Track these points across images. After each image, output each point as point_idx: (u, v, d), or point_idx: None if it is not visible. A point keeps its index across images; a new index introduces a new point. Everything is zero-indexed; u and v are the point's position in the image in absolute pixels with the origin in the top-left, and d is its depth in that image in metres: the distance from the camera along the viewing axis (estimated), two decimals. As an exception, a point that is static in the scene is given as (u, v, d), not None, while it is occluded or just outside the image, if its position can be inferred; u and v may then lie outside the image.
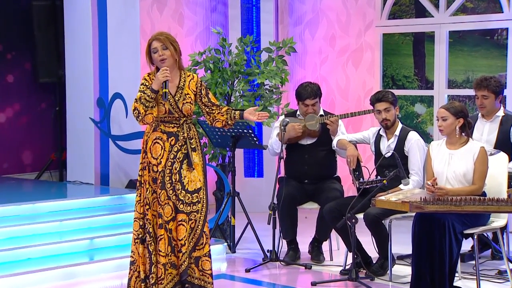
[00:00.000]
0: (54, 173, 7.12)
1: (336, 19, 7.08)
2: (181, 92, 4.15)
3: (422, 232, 4.12)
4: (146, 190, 4.08)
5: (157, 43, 4.07)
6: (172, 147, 4.10)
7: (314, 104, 5.12)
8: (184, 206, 4.07)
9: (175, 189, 4.08)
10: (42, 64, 6.88)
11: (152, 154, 4.10)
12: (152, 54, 4.08)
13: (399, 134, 4.80)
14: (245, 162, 7.22)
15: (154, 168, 4.09)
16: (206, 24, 7.23)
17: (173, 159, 4.10)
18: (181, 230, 4.05)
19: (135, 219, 4.15)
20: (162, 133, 4.11)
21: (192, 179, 4.12)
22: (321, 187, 5.12)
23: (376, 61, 6.90)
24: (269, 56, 6.03)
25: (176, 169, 4.09)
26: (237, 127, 5.04)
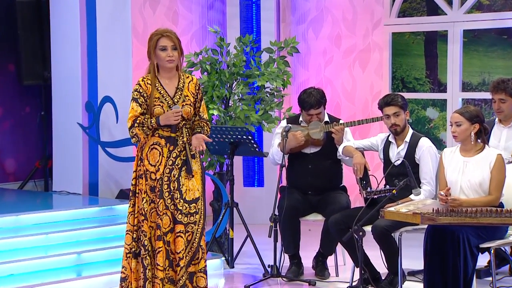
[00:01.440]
0: (39, 183, 7.13)
1: (342, 17, 7.10)
2: (180, 94, 4.16)
3: (434, 246, 4.12)
4: (142, 200, 4.08)
5: (168, 41, 4.09)
6: (171, 153, 4.11)
7: (318, 114, 5.14)
8: (182, 217, 4.07)
9: (173, 198, 4.09)
10: (27, 65, 6.89)
11: (150, 160, 4.10)
12: (157, 51, 4.09)
13: (409, 141, 4.81)
14: (244, 170, 7.23)
15: (152, 175, 4.10)
16: (202, 22, 7.25)
17: (172, 165, 4.11)
18: (179, 243, 4.05)
19: (128, 232, 4.15)
20: (160, 138, 4.12)
21: (190, 187, 4.13)
22: (326, 197, 5.12)
23: (384, 62, 6.91)
24: (270, 57, 6.05)
25: (174, 177, 4.10)
26: (236, 133, 5.05)
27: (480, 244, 4.20)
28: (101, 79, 6.47)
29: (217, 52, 6.00)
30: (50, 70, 6.71)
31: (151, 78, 4.14)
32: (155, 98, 4.10)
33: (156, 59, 4.12)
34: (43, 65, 6.91)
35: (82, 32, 6.41)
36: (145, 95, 4.11)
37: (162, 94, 4.13)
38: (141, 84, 4.13)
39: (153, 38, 4.13)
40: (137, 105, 4.10)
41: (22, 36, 6.85)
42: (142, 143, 4.13)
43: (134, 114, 4.10)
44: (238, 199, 5.54)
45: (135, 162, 4.19)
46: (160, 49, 4.10)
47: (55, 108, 6.62)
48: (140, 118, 4.08)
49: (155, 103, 4.10)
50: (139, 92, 4.11)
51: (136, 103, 4.11)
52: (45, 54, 6.84)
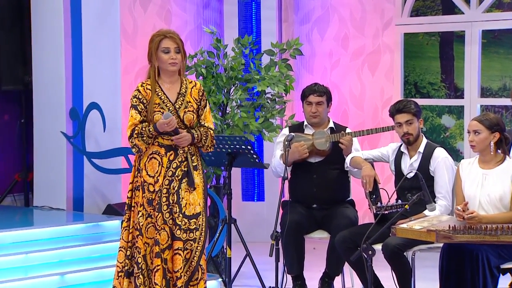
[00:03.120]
0: (19, 197, 7.13)
1: (349, 16, 7.14)
2: (182, 99, 4.19)
3: (451, 266, 4.13)
4: (138, 214, 4.10)
5: (171, 43, 4.14)
6: (171, 163, 4.13)
7: (319, 104, 5.18)
8: (181, 233, 4.09)
9: (172, 212, 4.10)
10: (5, 68, 6.90)
11: (148, 171, 4.13)
12: (159, 53, 4.13)
13: (423, 151, 4.83)
14: (243, 183, 7.25)
15: (150, 187, 4.12)
16: (197, 22, 7.28)
17: (171, 176, 4.13)
18: (177, 260, 4.07)
19: (121, 249, 4.16)
20: (159, 146, 4.15)
21: (191, 201, 4.14)
22: (332, 213, 5.14)
23: (396, 66, 6.94)
24: (271, 60, 6.07)
25: (174, 189, 4.12)
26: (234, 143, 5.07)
27: (501, 265, 4.21)
28: (87, 84, 6.49)
29: (214, 55, 6.03)
30: (31, 74, 6.73)
31: (151, 83, 4.17)
32: (155, 104, 4.13)
33: (157, 62, 4.15)
34: (23, 68, 6.93)
35: (66, 33, 6.44)
36: (144, 102, 4.14)
37: (162, 100, 4.16)
38: (140, 90, 4.15)
39: (154, 39, 4.16)
40: (136, 112, 4.13)
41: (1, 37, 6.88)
42: (144, 151, 4.16)
43: (133, 123, 4.13)
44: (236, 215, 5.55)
45: (132, 173, 4.21)
46: (163, 51, 4.13)
47: (37, 115, 6.64)
48: (138, 127, 4.11)
49: (155, 109, 4.13)
50: (138, 99, 4.14)
51: (135, 110, 4.14)
52: (26, 56, 6.87)
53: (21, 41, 6.91)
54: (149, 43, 4.18)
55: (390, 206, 4.50)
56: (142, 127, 4.11)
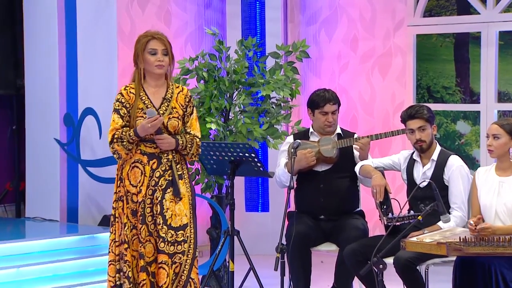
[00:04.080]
0: (10, 208, 7.14)
1: (358, 16, 7.15)
2: (167, 105, 4.21)
3: (463, 280, 4.13)
4: (124, 226, 4.11)
5: (158, 45, 4.17)
6: (154, 172, 4.15)
7: (334, 112, 5.18)
8: (166, 246, 4.10)
9: (156, 223, 4.12)
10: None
11: (131, 180, 4.15)
12: (146, 55, 4.16)
13: (437, 159, 4.82)
14: (247, 193, 7.25)
15: (133, 198, 4.15)
16: (198, 23, 7.31)
17: (154, 186, 4.15)
18: (161, 275, 4.08)
19: (111, 263, 4.18)
20: (142, 154, 4.17)
21: (177, 212, 4.16)
22: (340, 224, 5.13)
23: (408, 69, 6.95)
24: (276, 63, 6.09)
25: (157, 199, 4.14)
26: (237, 150, 5.08)
27: (518, 279, 4.21)
28: (82, 88, 6.51)
29: (216, 57, 6.05)
30: (23, 78, 6.75)
31: (136, 86, 4.19)
32: (138, 109, 4.16)
33: (143, 64, 4.18)
34: (15, 72, 6.95)
35: (60, 34, 6.46)
36: (127, 106, 4.17)
37: (146, 105, 4.19)
38: (123, 94, 4.18)
39: (141, 40, 4.19)
40: (118, 117, 4.16)
41: (-8, 39, 6.91)
42: (123, 160, 4.17)
43: (114, 127, 4.16)
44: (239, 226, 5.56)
45: (115, 183, 4.23)
46: (149, 53, 4.17)
47: (29, 121, 6.66)
48: (119, 131, 4.13)
49: (138, 114, 4.16)
50: (120, 103, 4.17)
51: (117, 114, 4.17)
52: (18, 59, 6.89)
53: (13, 42, 6.94)
54: (135, 44, 4.22)
55: (402, 217, 4.49)
56: (123, 132, 4.13)
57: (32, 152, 6.62)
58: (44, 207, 6.49)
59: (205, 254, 6.90)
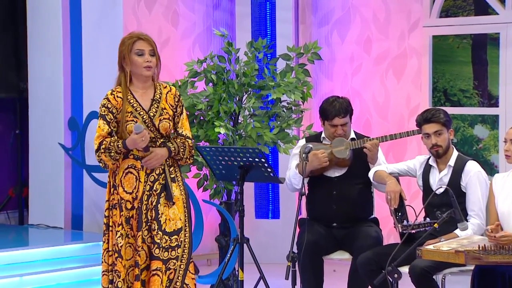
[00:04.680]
0: (13, 214, 7.17)
1: (372, 17, 7.15)
2: (156, 106, 4.22)
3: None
4: (116, 234, 4.12)
5: (145, 45, 4.18)
6: (148, 177, 4.17)
7: (344, 125, 5.17)
8: (161, 252, 4.11)
9: (150, 229, 4.13)
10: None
11: (125, 187, 4.16)
12: (132, 56, 4.17)
13: (454, 165, 4.81)
14: (257, 199, 7.25)
15: (127, 205, 4.16)
16: (207, 24, 7.32)
17: (149, 191, 4.16)
18: (155, 282, 4.08)
19: (104, 273, 4.19)
20: (135, 159, 4.17)
21: (171, 217, 4.17)
22: (353, 232, 5.13)
23: (423, 71, 6.94)
24: (287, 65, 6.09)
25: (152, 204, 4.15)
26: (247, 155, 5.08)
27: (539, 289, 4.19)
28: (87, 91, 6.53)
29: (225, 59, 6.05)
30: (26, 80, 6.79)
31: (123, 90, 4.20)
32: (127, 113, 4.16)
33: (130, 66, 4.19)
34: (18, 74, 6.98)
35: (64, 35, 6.49)
36: (114, 111, 4.18)
37: (135, 108, 4.19)
38: (109, 98, 4.18)
39: (126, 41, 4.20)
40: (104, 123, 4.16)
41: (-6, 41, 6.94)
42: (115, 167, 4.18)
43: (101, 134, 4.16)
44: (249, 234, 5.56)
45: (107, 190, 4.24)
46: (136, 53, 4.17)
47: (32, 125, 6.68)
48: (107, 141, 4.13)
49: (127, 118, 4.16)
50: (107, 108, 4.17)
51: (103, 120, 4.17)
52: (21, 61, 6.92)
53: (15, 44, 6.96)
54: (120, 47, 4.22)
55: (418, 224, 4.49)
56: (111, 142, 4.12)
57: (35, 157, 6.64)
58: (48, 214, 6.51)
59: (213, 263, 6.90)
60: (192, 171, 6.02)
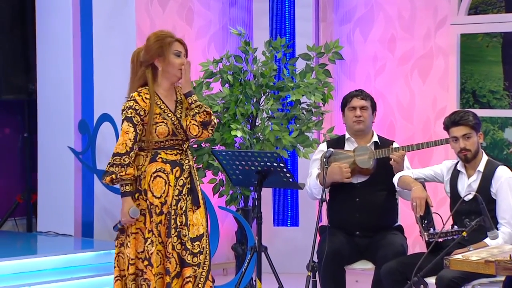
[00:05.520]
0: (21, 221, 7.20)
1: (397, 15, 7.13)
2: (181, 108, 4.26)
3: (515, 302, 4.09)
4: (146, 241, 4.14)
5: (181, 48, 4.26)
6: (177, 180, 4.20)
7: (363, 108, 5.21)
8: (191, 258, 4.16)
9: (180, 235, 4.17)
10: (6, 76, 7.00)
11: (154, 192, 4.17)
12: (169, 56, 4.20)
13: (483, 170, 4.79)
14: (275, 206, 7.24)
15: (156, 210, 4.17)
16: (223, 22, 7.33)
17: (178, 195, 4.20)
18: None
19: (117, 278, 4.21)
20: (163, 163, 4.20)
21: (194, 222, 4.23)
22: (377, 240, 5.12)
23: (451, 71, 6.91)
24: (307, 65, 6.08)
25: (182, 209, 4.19)
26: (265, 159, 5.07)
27: None
28: (98, 93, 6.55)
29: (241, 59, 6.06)
30: (35, 82, 6.82)
31: (150, 90, 4.20)
32: (155, 114, 4.18)
33: (163, 64, 4.20)
34: (26, 76, 7.02)
35: (75, 35, 6.51)
36: (142, 113, 4.18)
37: (163, 109, 4.22)
38: (137, 100, 4.17)
39: (165, 39, 4.23)
40: (130, 125, 4.14)
41: (1, 40, 6.97)
42: (141, 171, 4.16)
43: (129, 139, 4.13)
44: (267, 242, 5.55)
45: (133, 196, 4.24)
46: (175, 54, 4.22)
47: (41, 128, 6.71)
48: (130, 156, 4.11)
49: (156, 120, 4.18)
50: (134, 110, 4.16)
51: (129, 123, 4.14)
52: (29, 62, 6.96)
53: (24, 44, 7.00)
54: (155, 42, 4.22)
55: (445, 233, 4.48)
56: (126, 172, 4.11)
57: (44, 162, 6.67)
58: (57, 221, 6.54)
59: (230, 272, 6.89)
60: (207, 176, 6.03)
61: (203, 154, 5.86)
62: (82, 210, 6.50)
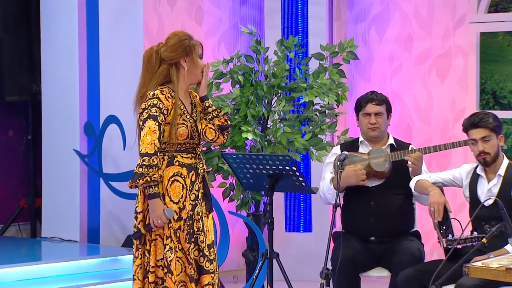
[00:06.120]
0: (24, 227, 7.21)
1: (414, 13, 7.11)
2: (196, 111, 4.29)
3: (538, 312, 4.07)
4: (164, 248, 4.13)
5: (201, 51, 4.31)
6: (193, 185, 4.22)
7: (378, 114, 5.19)
8: (209, 265, 4.19)
9: (197, 241, 4.18)
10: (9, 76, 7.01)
11: (172, 196, 4.17)
12: (196, 57, 4.23)
13: (504, 174, 4.77)
14: (287, 211, 7.23)
15: (174, 215, 4.18)
16: (233, 21, 7.33)
17: (195, 200, 4.22)
18: None
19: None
20: (180, 166, 4.20)
21: (209, 228, 4.27)
22: (393, 247, 5.10)
23: (470, 71, 6.89)
24: (320, 65, 6.07)
25: (198, 215, 4.21)
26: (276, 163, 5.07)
27: None
28: (105, 94, 6.55)
29: (253, 59, 6.06)
30: (39, 83, 6.83)
31: (176, 89, 4.21)
32: (177, 115, 4.18)
33: (188, 65, 4.22)
34: (30, 76, 7.03)
35: (80, 34, 6.52)
36: (165, 112, 4.15)
37: (183, 111, 4.24)
38: (161, 98, 4.13)
39: (192, 40, 4.28)
40: (156, 124, 4.09)
41: (5, 40, 6.98)
42: (158, 175, 4.16)
43: (157, 138, 4.09)
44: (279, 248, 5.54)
45: (140, 201, 4.22)
46: (199, 56, 4.28)
47: (46, 131, 6.72)
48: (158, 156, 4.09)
49: (178, 121, 4.19)
50: (158, 108, 4.12)
51: (155, 122, 4.09)
52: (34, 62, 6.97)
53: (28, 43, 7.02)
54: (183, 40, 4.23)
55: (464, 239, 4.46)
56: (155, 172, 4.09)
57: (49, 165, 6.68)
58: (62, 226, 6.54)
59: (240, 280, 6.88)
60: (217, 180, 6.02)
61: (213, 157, 5.86)
62: (88, 215, 6.50)
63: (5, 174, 7.23)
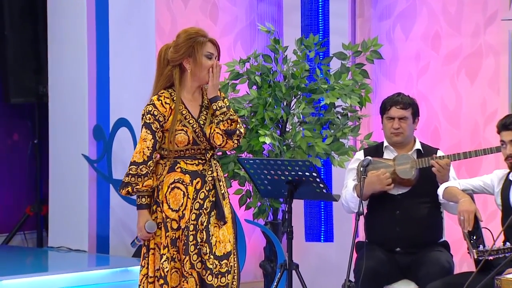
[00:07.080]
0: (30, 236, 7.23)
1: (441, 9, 7.09)
2: (206, 113, 4.25)
3: None
4: (161, 258, 4.13)
5: (213, 50, 4.27)
6: (198, 193, 4.20)
7: (402, 119, 5.17)
8: (213, 278, 4.14)
9: (201, 253, 4.16)
10: (15, 77, 7.04)
11: (171, 204, 4.17)
12: (200, 57, 4.19)
13: (538, 180, 4.75)
14: (307, 219, 7.22)
15: (173, 224, 4.18)
16: (250, 18, 7.33)
17: (199, 209, 4.19)
18: None
19: None
20: (183, 173, 4.20)
21: (221, 239, 4.21)
22: (420, 258, 5.09)
23: (502, 71, 6.86)
24: (342, 65, 6.06)
25: (202, 225, 4.18)
26: (296, 168, 5.06)
27: None
28: (115, 96, 6.57)
29: (271, 59, 6.05)
30: (46, 84, 6.85)
31: (177, 93, 4.20)
32: (176, 121, 4.18)
33: (192, 65, 4.19)
34: (37, 77, 7.06)
35: (89, 33, 6.54)
36: (161, 119, 4.19)
37: (184, 116, 4.22)
38: (156, 105, 4.18)
39: (198, 39, 4.23)
40: (148, 132, 4.16)
41: (10, 39, 7.02)
42: (159, 181, 4.15)
43: (146, 147, 4.15)
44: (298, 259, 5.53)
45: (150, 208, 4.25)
46: (207, 57, 4.23)
47: (53, 134, 6.74)
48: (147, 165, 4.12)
49: (176, 127, 4.18)
50: (152, 115, 4.18)
51: (148, 130, 4.17)
52: (41, 63, 6.99)
53: (34, 43, 7.04)
54: (186, 39, 4.22)
55: (496, 250, 4.44)
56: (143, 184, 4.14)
57: (56, 171, 6.70)
58: (70, 235, 6.55)
59: (258, 292, 6.88)
60: (233, 186, 6.02)
61: (229, 163, 5.85)
62: (97, 224, 6.51)
63: (10, 180, 7.25)
